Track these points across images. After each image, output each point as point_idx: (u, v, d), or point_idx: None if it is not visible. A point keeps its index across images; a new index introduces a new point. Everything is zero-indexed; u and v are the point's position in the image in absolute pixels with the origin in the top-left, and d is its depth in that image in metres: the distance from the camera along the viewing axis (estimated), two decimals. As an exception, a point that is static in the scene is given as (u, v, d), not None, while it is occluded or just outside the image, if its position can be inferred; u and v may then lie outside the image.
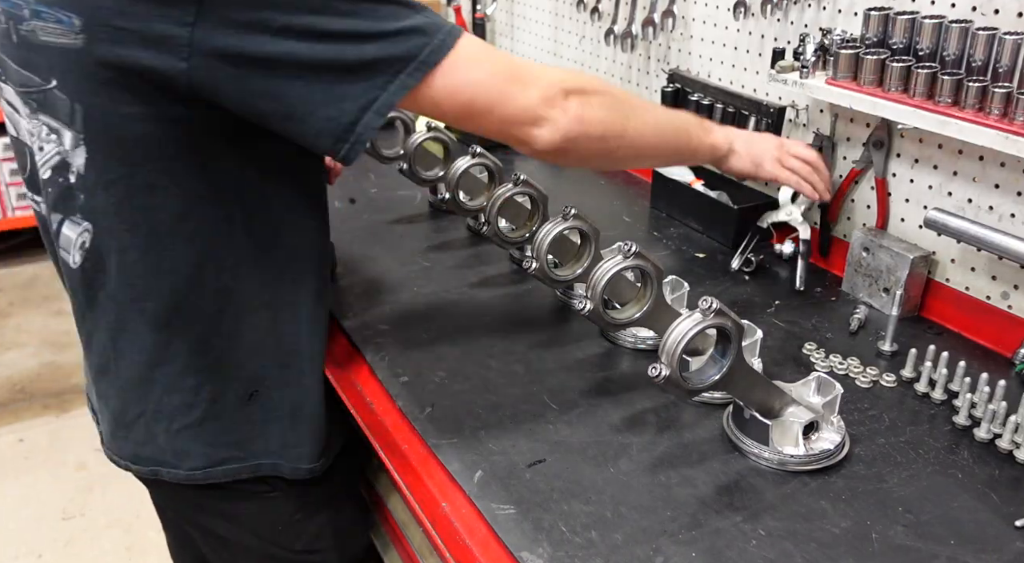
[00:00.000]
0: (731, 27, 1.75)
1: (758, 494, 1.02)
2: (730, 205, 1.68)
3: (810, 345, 1.33)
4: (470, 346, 1.32)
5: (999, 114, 1.18)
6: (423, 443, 1.13)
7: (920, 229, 1.44)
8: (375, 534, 1.50)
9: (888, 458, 1.09)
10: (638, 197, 1.95)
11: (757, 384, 1.07)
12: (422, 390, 1.22)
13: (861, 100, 1.34)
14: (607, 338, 1.35)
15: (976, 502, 1.02)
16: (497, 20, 2.59)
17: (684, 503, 1.01)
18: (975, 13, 1.29)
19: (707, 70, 1.84)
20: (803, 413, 1.08)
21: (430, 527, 1.01)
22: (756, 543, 0.95)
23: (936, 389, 1.21)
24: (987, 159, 1.32)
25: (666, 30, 1.91)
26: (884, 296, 1.44)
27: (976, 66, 1.22)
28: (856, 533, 0.96)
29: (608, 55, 2.14)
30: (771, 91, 1.68)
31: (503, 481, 1.04)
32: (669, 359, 0.96)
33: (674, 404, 1.19)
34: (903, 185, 1.47)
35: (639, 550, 0.93)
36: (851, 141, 1.54)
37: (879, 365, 1.28)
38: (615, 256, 1.09)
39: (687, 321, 0.97)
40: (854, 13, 1.47)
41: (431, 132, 1.60)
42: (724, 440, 1.12)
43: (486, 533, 0.98)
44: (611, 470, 1.06)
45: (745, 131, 1.45)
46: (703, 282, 1.54)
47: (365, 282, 1.52)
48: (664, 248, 1.69)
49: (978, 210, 1.35)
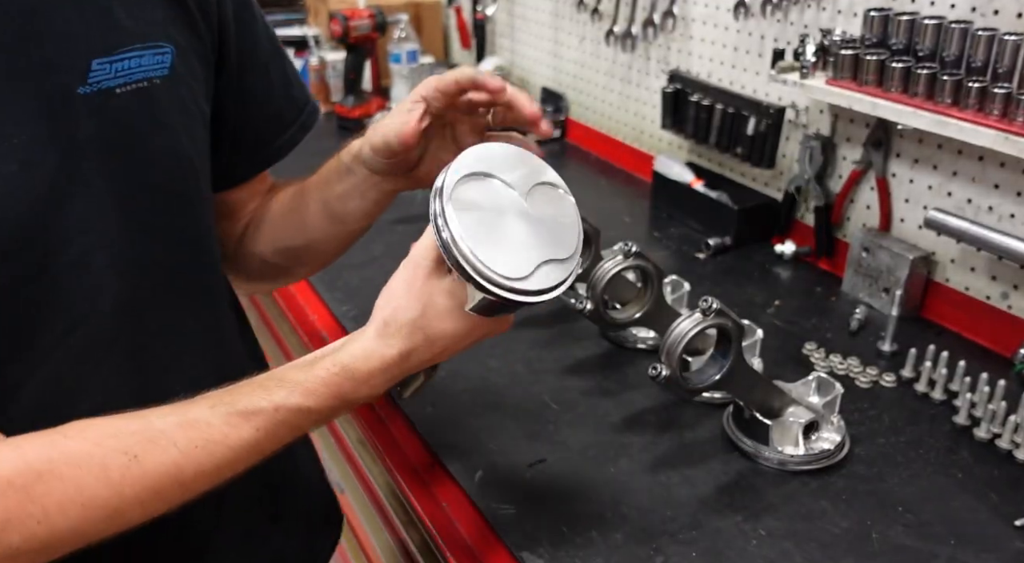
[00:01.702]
0: (731, 27, 1.75)
1: (758, 494, 1.02)
2: (730, 205, 1.69)
3: (810, 345, 1.33)
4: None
5: (999, 114, 1.18)
6: (423, 443, 1.13)
7: (920, 229, 1.44)
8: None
9: (888, 458, 1.09)
10: (638, 197, 1.95)
11: (757, 384, 1.07)
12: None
13: (861, 100, 1.34)
14: (607, 338, 1.35)
15: (976, 502, 1.02)
16: (497, 21, 2.59)
17: (684, 503, 1.01)
18: (975, 14, 1.29)
19: (707, 70, 1.84)
20: (803, 413, 1.08)
21: (430, 527, 1.02)
22: (756, 543, 0.95)
23: (936, 389, 1.21)
24: (987, 159, 1.32)
25: (666, 30, 1.91)
26: (884, 296, 1.44)
27: (976, 67, 1.22)
28: (856, 533, 0.96)
29: (608, 55, 2.14)
30: (771, 91, 1.68)
31: (503, 481, 1.04)
32: (669, 359, 0.97)
33: (674, 404, 1.19)
34: (903, 185, 1.47)
35: (639, 550, 0.94)
36: (851, 141, 1.54)
37: (879, 365, 1.28)
38: (615, 256, 1.09)
39: (687, 321, 0.98)
40: (854, 14, 1.47)
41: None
42: (724, 440, 1.12)
43: (486, 533, 0.98)
44: (611, 470, 1.06)
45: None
46: (703, 282, 1.54)
47: (365, 282, 1.52)
48: (664, 248, 1.69)
49: (978, 210, 1.35)
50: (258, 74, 0.93)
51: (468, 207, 0.72)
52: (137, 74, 0.73)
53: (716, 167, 1.89)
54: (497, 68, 2.46)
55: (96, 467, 0.62)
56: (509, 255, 0.72)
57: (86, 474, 0.61)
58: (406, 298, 0.73)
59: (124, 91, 0.72)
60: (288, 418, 0.69)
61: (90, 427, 0.64)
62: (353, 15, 2.34)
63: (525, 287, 0.72)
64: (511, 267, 0.71)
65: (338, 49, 2.54)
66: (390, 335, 0.73)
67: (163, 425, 0.65)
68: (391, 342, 0.73)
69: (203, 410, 0.67)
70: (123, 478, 0.63)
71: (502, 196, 0.75)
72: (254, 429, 0.67)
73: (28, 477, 0.60)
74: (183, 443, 0.65)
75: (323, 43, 2.64)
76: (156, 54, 0.74)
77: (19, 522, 0.59)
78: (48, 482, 0.60)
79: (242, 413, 0.67)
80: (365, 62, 2.47)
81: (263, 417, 0.68)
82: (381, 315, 0.74)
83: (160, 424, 0.65)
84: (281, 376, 0.70)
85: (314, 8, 2.86)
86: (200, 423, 0.66)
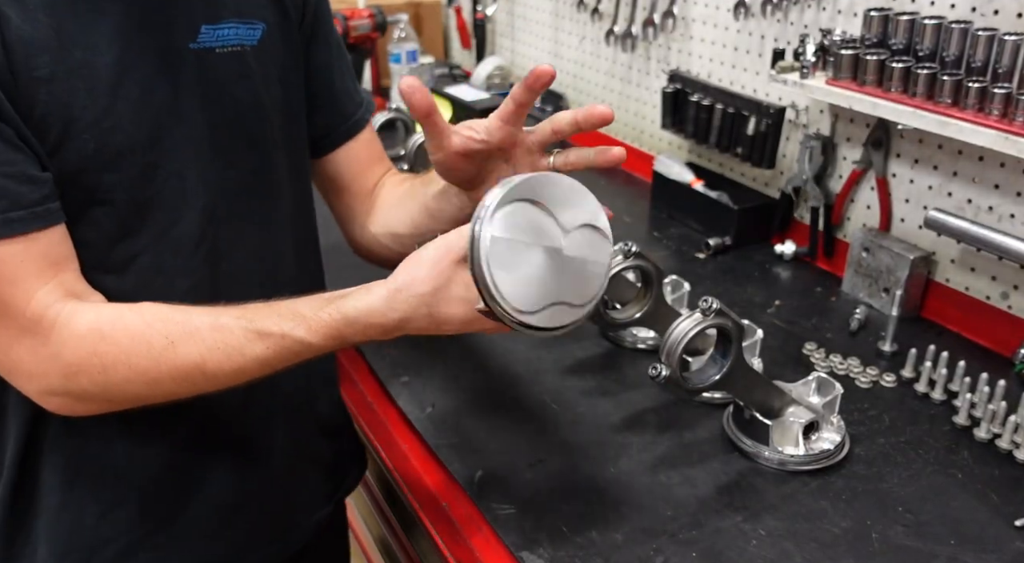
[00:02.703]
0: (731, 28, 1.75)
1: (758, 494, 1.02)
2: (730, 205, 1.69)
3: (810, 345, 1.33)
4: (470, 346, 1.32)
5: (999, 114, 1.18)
6: (423, 443, 1.13)
7: (920, 229, 1.44)
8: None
9: (888, 458, 1.09)
10: (638, 197, 1.95)
11: (757, 384, 1.07)
12: (422, 390, 1.22)
13: (861, 100, 1.34)
14: (607, 338, 1.35)
15: (976, 502, 1.02)
16: (497, 21, 2.59)
17: (684, 503, 1.01)
18: (975, 14, 1.29)
19: (707, 70, 1.84)
20: (803, 413, 1.08)
21: (430, 527, 1.02)
22: (756, 543, 0.95)
23: (936, 389, 1.21)
24: (987, 159, 1.32)
25: (666, 30, 1.91)
26: (884, 296, 1.44)
27: (976, 67, 1.22)
28: (856, 533, 0.96)
29: (608, 55, 2.14)
30: (771, 92, 1.68)
31: (503, 481, 1.04)
32: (669, 359, 0.97)
33: (674, 404, 1.19)
34: (903, 185, 1.47)
35: (639, 550, 0.94)
36: (851, 141, 1.54)
37: (879, 365, 1.28)
38: (616, 256, 1.09)
39: (687, 321, 0.97)
40: (854, 14, 1.47)
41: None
42: (724, 440, 1.12)
43: (486, 533, 0.98)
44: (611, 470, 1.06)
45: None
46: (703, 282, 1.54)
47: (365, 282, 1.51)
48: (664, 248, 1.69)
49: (978, 210, 1.35)
50: (328, 55, 1.08)
51: (507, 229, 0.74)
52: (233, 41, 0.92)
53: (716, 167, 1.89)
54: (497, 68, 2.46)
55: (143, 342, 0.81)
56: (525, 287, 0.75)
57: (136, 345, 0.81)
58: (426, 272, 0.79)
59: (222, 52, 0.90)
60: (291, 346, 0.82)
61: (149, 310, 0.83)
62: (353, 15, 2.34)
63: (527, 321, 0.76)
64: (522, 299, 0.75)
65: (338, 49, 2.53)
66: (398, 301, 0.80)
67: (199, 322, 0.82)
68: (396, 307, 0.80)
69: (231, 319, 0.82)
70: (161, 355, 0.81)
71: (543, 228, 0.77)
72: (264, 347, 0.81)
73: (95, 336, 0.80)
74: (210, 342, 0.81)
75: (323, 43, 2.64)
76: (249, 28, 0.93)
77: (87, 370, 0.80)
78: (108, 343, 0.80)
79: (257, 331, 0.81)
80: (365, 62, 2.47)
81: (272, 340, 0.81)
82: (398, 280, 0.81)
83: (198, 321, 0.82)
84: (295, 309, 0.83)
85: (314, 8, 2.86)
86: (225, 329, 0.82)
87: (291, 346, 0.82)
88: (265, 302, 0.85)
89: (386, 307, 0.80)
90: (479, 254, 0.73)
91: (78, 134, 0.80)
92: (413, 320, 0.81)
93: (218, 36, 0.90)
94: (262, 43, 0.95)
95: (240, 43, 0.92)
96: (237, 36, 0.92)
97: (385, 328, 0.82)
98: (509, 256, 0.74)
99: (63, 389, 0.82)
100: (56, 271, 0.81)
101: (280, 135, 0.99)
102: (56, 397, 0.83)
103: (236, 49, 0.92)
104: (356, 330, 0.82)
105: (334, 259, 1.57)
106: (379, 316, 0.81)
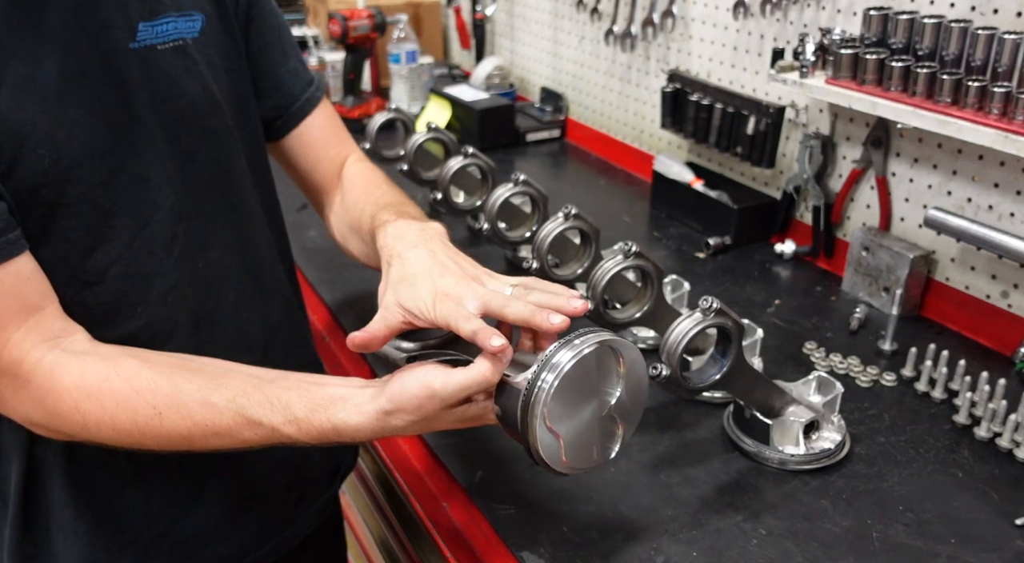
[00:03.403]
0: (731, 27, 1.75)
1: (759, 493, 1.02)
2: (730, 205, 1.69)
3: (810, 344, 1.33)
4: (470, 346, 1.32)
5: (999, 113, 1.18)
6: (423, 443, 1.13)
7: (920, 228, 1.44)
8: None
9: (888, 457, 1.09)
10: (638, 197, 1.95)
11: (757, 384, 1.07)
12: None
13: (861, 100, 1.34)
14: (607, 338, 1.35)
15: (976, 501, 1.02)
16: (497, 21, 2.59)
17: (685, 503, 1.01)
18: (974, 13, 1.29)
19: (707, 70, 1.84)
20: (803, 412, 1.08)
21: (431, 527, 1.02)
22: (757, 542, 0.95)
23: (936, 388, 1.21)
24: (986, 158, 1.32)
25: (666, 30, 1.91)
26: (884, 295, 1.44)
27: (975, 66, 1.22)
28: (857, 532, 0.96)
29: (608, 55, 2.14)
30: (771, 91, 1.68)
31: (503, 481, 1.04)
32: (669, 359, 0.96)
33: (674, 404, 1.19)
34: (903, 184, 1.47)
35: (639, 550, 0.94)
36: (851, 140, 1.54)
37: (879, 364, 1.28)
38: (615, 256, 1.09)
39: (687, 321, 0.97)
40: (854, 13, 1.47)
41: (431, 133, 1.60)
42: (725, 440, 1.12)
43: (486, 533, 0.98)
44: (611, 470, 1.06)
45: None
46: (703, 282, 1.54)
47: (365, 282, 1.52)
48: (664, 248, 1.69)
49: (977, 209, 1.35)
50: (268, 37, 1.07)
51: (556, 417, 0.79)
52: (174, 35, 0.91)
53: (716, 167, 1.89)
54: (496, 68, 2.46)
55: (129, 410, 0.81)
56: (555, 447, 0.80)
57: (121, 410, 0.81)
58: (413, 412, 0.81)
59: (164, 48, 0.90)
60: (280, 438, 0.84)
61: (137, 376, 0.82)
62: (352, 15, 2.34)
63: (544, 462, 0.80)
64: (549, 453, 0.79)
65: (337, 49, 2.54)
66: (388, 422, 0.82)
67: (188, 397, 0.82)
68: (386, 427, 0.82)
69: (222, 400, 0.82)
70: (146, 425, 0.82)
71: (585, 403, 0.81)
72: (253, 434, 0.83)
73: (79, 392, 0.81)
74: (198, 418, 0.82)
75: (322, 43, 2.64)
76: (188, 20, 0.93)
77: (69, 421, 0.81)
78: (92, 402, 0.81)
79: (248, 420, 0.82)
80: (364, 62, 2.47)
81: (262, 430, 0.83)
82: (389, 402, 0.81)
83: (186, 395, 0.82)
84: (287, 403, 0.83)
85: (313, 8, 2.86)
86: (215, 409, 0.82)
87: (280, 439, 0.84)
88: (256, 377, 0.86)
89: (377, 426, 0.82)
90: (535, 440, 0.78)
91: (32, 149, 0.79)
92: (404, 431, 0.84)
93: (158, 32, 0.89)
94: (203, 34, 0.95)
95: (181, 37, 0.92)
96: (177, 30, 0.91)
97: (374, 437, 0.86)
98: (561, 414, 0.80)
99: (46, 428, 0.84)
100: (29, 312, 0.80)
101: (234, 123, 0.99)
102: (40, 428, 0.85)
103: (178, 43, 0.91)
104: (345, 438, 0.84)
105: (334, 259, 1.58)
106: (368, 433, 0.84)
